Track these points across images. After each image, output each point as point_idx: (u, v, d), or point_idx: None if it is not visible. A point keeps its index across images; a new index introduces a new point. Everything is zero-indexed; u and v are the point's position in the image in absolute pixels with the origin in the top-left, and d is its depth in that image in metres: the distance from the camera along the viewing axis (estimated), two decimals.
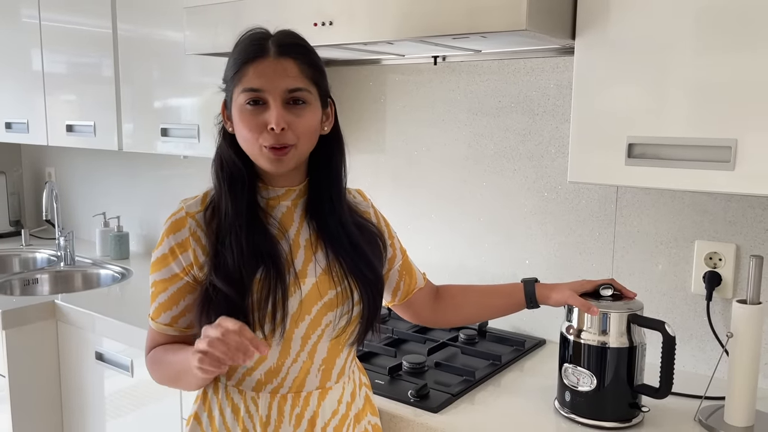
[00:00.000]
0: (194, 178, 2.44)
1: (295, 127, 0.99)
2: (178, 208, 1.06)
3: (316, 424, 1.07)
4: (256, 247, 1.02)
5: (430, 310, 1.30)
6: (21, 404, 1.96)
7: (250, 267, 1.01)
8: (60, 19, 2.27)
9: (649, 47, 1.14)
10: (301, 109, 1.00)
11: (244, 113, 1.00)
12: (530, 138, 1.65)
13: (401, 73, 1.84)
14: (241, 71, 1.00)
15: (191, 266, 1.04)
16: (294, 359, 1.05)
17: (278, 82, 0.98)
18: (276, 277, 1.01)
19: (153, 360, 1.10)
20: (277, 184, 1.08)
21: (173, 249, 1.04)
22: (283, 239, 1.06)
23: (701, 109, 1.11)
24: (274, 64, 0.99)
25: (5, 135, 2.57)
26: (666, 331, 1.14)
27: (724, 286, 1.41)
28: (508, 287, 1.27)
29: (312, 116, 1.02)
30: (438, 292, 1.31)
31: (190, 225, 1.04)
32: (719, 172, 1.10)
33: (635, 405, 1.21)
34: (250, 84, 0.99)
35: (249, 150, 1.02)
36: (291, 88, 0.99)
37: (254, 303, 1.00)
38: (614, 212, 1.54)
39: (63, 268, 2.50)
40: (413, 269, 1.27)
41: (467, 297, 1.30)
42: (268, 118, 0.98)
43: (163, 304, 1.07)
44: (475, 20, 1.15)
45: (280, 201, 1.08)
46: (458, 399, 1.32)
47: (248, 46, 1.01)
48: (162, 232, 1.06)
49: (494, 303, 1.28)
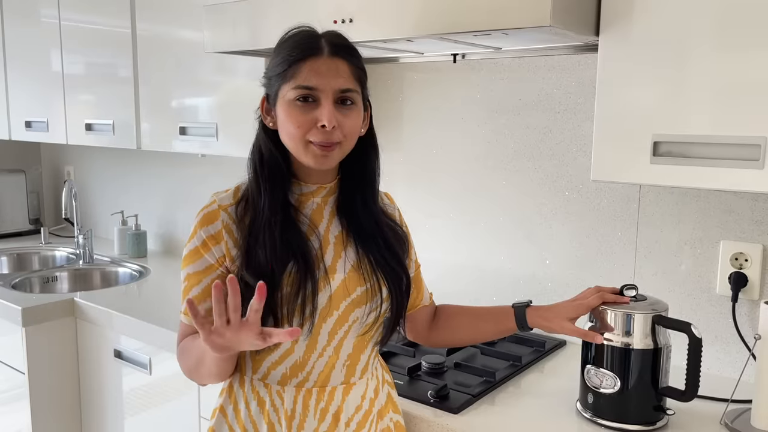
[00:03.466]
0: (212, 176, 2.44)
1: (343, 126, 1.01)
2: (210, 201, 1.07)
3: (340, 419, 1.08)
4: (288, 243, 1.02)
5: (427, 328, 1.27)
6: (40, 401, 1.97)
7: (281, 263, 1.01)
8: (79, 18, 2.29)
9: (674, 43, 1.12)
10: (349, 109, 1.02)
11: (293, 109, 1.00)
12: (551, 136, 1.63)
13: (420, 72, 1.83)
14: (293, 68, 1.00)
15: (224, 258, 1.04)
16: (320, 354, 1.06)
17: (332, 81, 0.99)
18: (306, 272, 1.02)
19: (182, 349, 1.09)
20: (309, 181, 1.09)
21: (205, 241, 1.04)
22: (314, 235, 1.06)
23: (729, 106, 1.08)
24: (329, 63, 1.00)
25: (25, 134, 2.59)
26: (693, 333, 1.12)
27: (751, 287, 1.38)
28: (500, 312, 1.21)
29: (358, 117, 1.04)
30: (436, 311, 1.29)
31: (222, 218, 1.05)
32: (748, 171, 1.07)
33: (660, 408, 1.19)
34: (305, 82, 0.99)
35: (293, 145, 1.02)
36: (343, 89, 1.00)
37: (284, 297, 1.00)
38: (637, 211, 1.52)
39: (82, 266, 2.52)
40: (422, 285, 1.26)
41: (461, 318, 1.25)
42: (319, 115, 0.99)
43: (198, 296, 1.06)
44: (498, 16, 1.14)
45: (311, 197, 1.09)
46: (478, 400, 1.30)
47: (301, 42, 1.01)
48: (194, 225, 1.06)
49: (486, 328, 1.22)
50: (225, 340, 0.88)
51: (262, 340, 0.87)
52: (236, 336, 0.87)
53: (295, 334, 0.85)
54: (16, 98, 2.60)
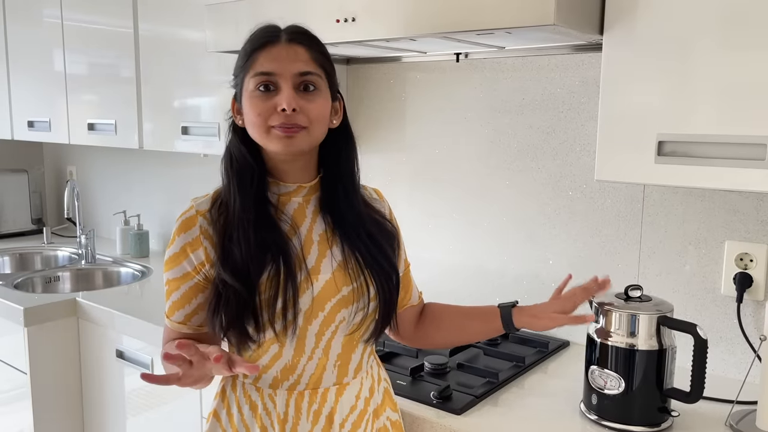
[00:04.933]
0: (214, 176, 2.42)
1: (307, 111, 0.99)
2: (188, 207, 1.06)
3: (334, 420, 1.07)
4: (264, 241, 1.01)
5: (413, 328, 1.24)
6: (42, 401, 1.97)
7: (258, 262, 1.00)
8: (82, 18, 2.29)
9: (679, 42, 1.11)
10: (312, 94, 1.00)
11: (254, 98, 0.99)
12: (554, 136, 1.62)
13: (422, 71, 1.82)
14: (251, 58, 1.00)
15: (203, 264, 1.04)
16: (309, 356, 1.05)
17: (289, 66, 0.98)
18: (286, 274, 1.00)
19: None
20: (288, 180, 1.07)
21: (184, 248, 1.04)
22: (295, 236, 1.05)
23: (733, 106, 1.07)
24: (286, 49, 0.99)
25: (28, 134, 2.59)
26: (698, 334, 1.11)
27: (756, 287, 1.37)
28: (486, 311, 1.19)
29: (323, 102, 1.01)
30: (423, 310, 1.27)
31: (200, 223, 1.04)
32: (753, 170, 1.07)
33: (664, 409, 1.18)
34: (261, 68, 0.98)
35: (258, 135, 1.01)
36: (302, 71, 0.99)
37: (263, 301, 0.99)
38: (641, 211, 1.51)
39: (84, 266, 2.52)
40: (411, 284, 1.24)
41: (447, 318, 1.23)
42: (278, 100, 0.98)
43: (177, 302, 1.07)
44: (502, 15, 1.13)
45: (291, 197, 1.07)
46: (481, 401, 1.30)
47: (259, 34, 1.02)
48: (173, 231, 1.05)
49: (473, 327, 1.20)
50: (195, 378, 0.92)
51: (228, 369, 0.90)
52: (203, 370, 0.91)
53: (254, 371, 0.87)
54: (19, 98, 2.60)
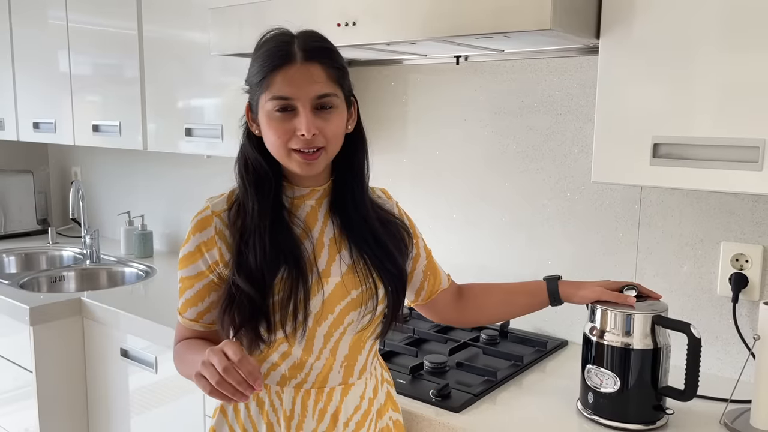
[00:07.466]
0: (217, 177, 2.46)
1: (324, 132, 1.00)
2: (203, 207, 1.08)
3: (338, 419, 1.09)
4: (279, 247, 1.03)
5: (454, 310, 1.30)
6: (47, 399, 1.99)
7: (272, 267, 1.02)
8: (87, 20, 2.31)
9: (674, 46, 1.13)
10: (329, 113, 1.01)
11: (272, 120, 1.00)
12: (553, 138, 1.64)
13: (423, 73, 1.84)
14: (268, 78, 0.99)
15: (217, 264, 1.06)
16: (317, 356, 1.07)
17: (307, 89, 0.98)
18: (298, 277, 1.02)
19: (176, 354, 1.13)
20: (302, 184, 1.09)
21: (199, 247, 1.06)
22: (307, 239, 1.07)
23: (728, 108, 1.09)
24: (302, 70, 0.98)
25: (33, 135, 2.62)
26: (692, 333, 1.13)
27: (751, 288, 1.39)
28: (531, 285, 1.27)
29: (340, 119, 1.03)
30: (461, 291, 1.31)
31: (215, 224, 1.06)
32: (747, 173, 1.08)
33: (659, 407, 1.20)
34: (279, 92, 0.98)
35: (278, 154, 1.03)
36: (320, 95, 0.99)
37: (275, 303, 1.02)
38: (638, 213, 1.53)
39: (89, 266, 2.54)
40: (438, 270, 1.28)
41: (490, 296, 1.30)
42: (297, 124, 0.99)
43: (190, 300, 1.09)
44: (500, 20, 1.15)
45: (304, 200, 1.09)
46: (480, 399, 1.32)
47: (274, 51, 1.00)
48: (188, 230, 1.07)
49: (517, 302, 1.27)
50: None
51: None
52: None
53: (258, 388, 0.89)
54: (24, 99, 2.63)
